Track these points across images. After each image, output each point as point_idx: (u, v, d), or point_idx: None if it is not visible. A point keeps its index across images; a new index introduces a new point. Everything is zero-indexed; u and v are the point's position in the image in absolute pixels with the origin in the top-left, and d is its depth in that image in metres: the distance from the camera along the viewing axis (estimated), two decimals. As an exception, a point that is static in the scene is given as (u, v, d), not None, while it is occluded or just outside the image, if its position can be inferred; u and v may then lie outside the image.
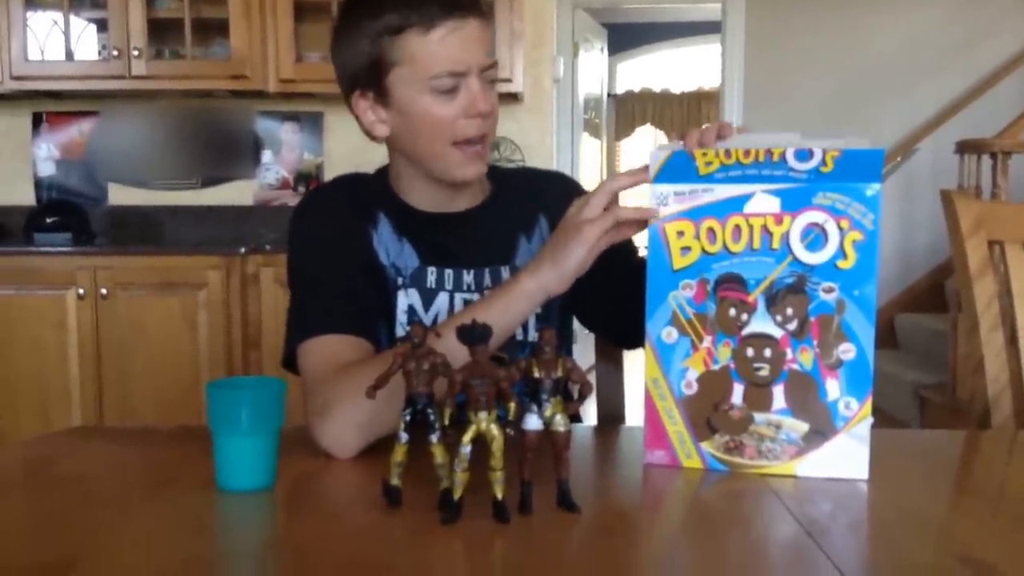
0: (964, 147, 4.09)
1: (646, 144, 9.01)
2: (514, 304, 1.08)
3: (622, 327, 1.27)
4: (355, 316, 1.19)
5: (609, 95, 8.33)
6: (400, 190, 1.30)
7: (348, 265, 1.23)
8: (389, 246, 1.27)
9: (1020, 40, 5.12)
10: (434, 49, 1.15)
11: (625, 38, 8.23)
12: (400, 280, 1.26)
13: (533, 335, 1.29)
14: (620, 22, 7.75)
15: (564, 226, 1.08)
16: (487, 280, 1.28)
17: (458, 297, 1.27)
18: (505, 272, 1.29)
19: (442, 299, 1.26)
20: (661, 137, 9.14)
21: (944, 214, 1.43)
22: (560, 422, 0.82)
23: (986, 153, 3.99)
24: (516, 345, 1.26)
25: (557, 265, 1.06)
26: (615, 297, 1.23)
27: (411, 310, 1.25)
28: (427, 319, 1.25)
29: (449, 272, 1.27)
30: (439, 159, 1.21)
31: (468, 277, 1.28)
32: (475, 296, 1.27)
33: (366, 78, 1.20)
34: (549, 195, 1.35)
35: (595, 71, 6.31)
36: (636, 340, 1.08)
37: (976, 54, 5.13)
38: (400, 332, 1.24)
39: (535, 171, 1.50)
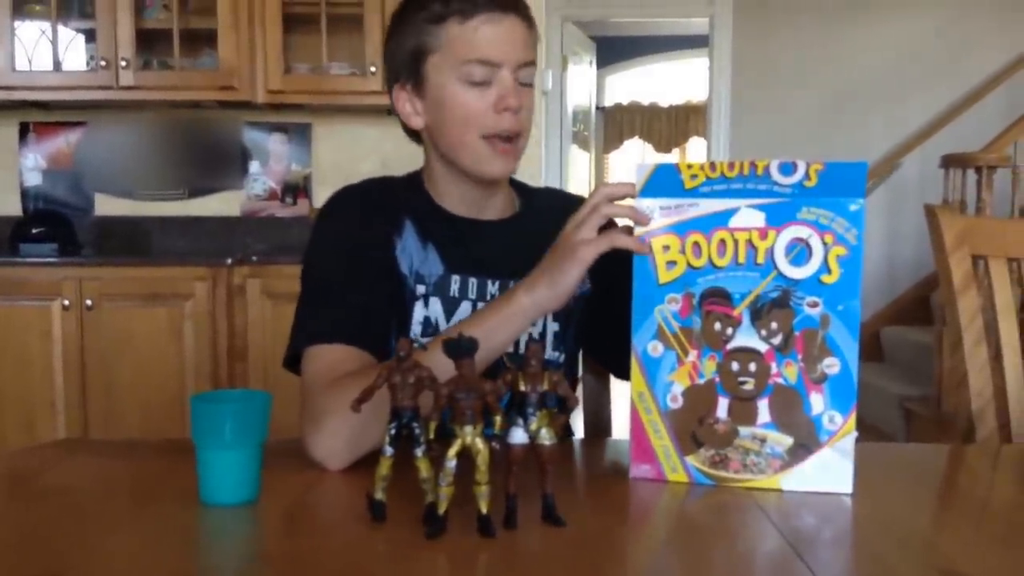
0: (949, 161, 4.12)
1: (635, 157, 9.05)
2: (508, 321, 1.08)
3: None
4: (363, 327, 1.18)
5: (598, 108, 8.37)
6: (433, 191, 1.31)
7: (365, 274, 1.23)
8: (413, 254, 1.26)
9: (1005, 55, 5.17)
10: (469, 36, 1.18)
11: (614, 51, 8.26)
12: (422, 289, 1.25)
13: (551, 353, 1.30)
14: (609, 35, 7.78)
15: (560, 245, 1.08)
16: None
17: (480, 307, 1.26)
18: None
19: (465, 308, 1.26)
20: (649, 150, 9.18)
21: (928, 228, 1.43)
22: (545, 436, 0.82)
23: (971, 167, 4.02)
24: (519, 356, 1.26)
25: (553, 284, 1.06)
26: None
27: (426, 321, 1.25)
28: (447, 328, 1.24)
29: (473, 281, 1.27)
30: (468, 151, 1.22)
31: (493, 287, 1.27)
32: None
33: (407, 68, 1.24)
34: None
35: (584, 84, 6.33)
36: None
37: (962, 69, 5.18)
38: None
39: (561, 192, 1.51)
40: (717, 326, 0.98)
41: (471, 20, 1.17)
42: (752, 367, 0.97)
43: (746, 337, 0.97)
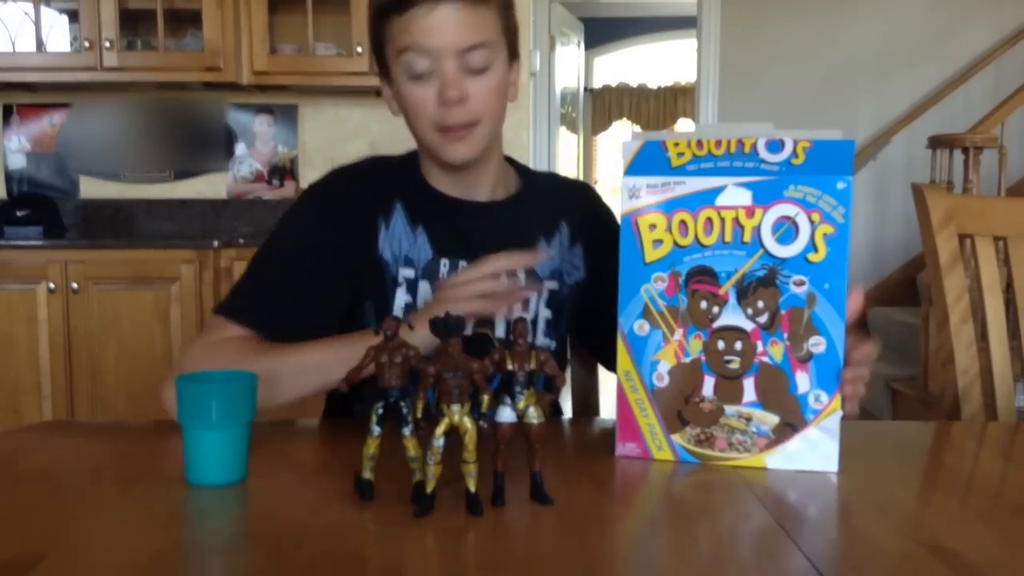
0: (936, 142, 4.13)
1: (623, 138, 9.03)
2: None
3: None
4: (275, 319, 1.19)
5: (586, 89, 8.35)
6: (425, 171, 1.31)
7: (309, 272, 1.23)
8: (402, 239, 1.26)
9: (993, 35, 5.17)
10: (404, 28, 1.16)
11: (602, 32, 8.24)
12: (411, 273, 1.25)
13: (542, 340, 1.30)
14: (597, 16, 7.76)
15: (438, 296, 1.12)
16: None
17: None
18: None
19: None
20: (637, 131, 9.16)
21: (915, 207, 1.44)
22: (533, 415, 0.82)
23: (958, 148, 4.02)
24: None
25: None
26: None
27: (408, 308, 1.24)
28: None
29: (463, 264, 1.25)
30: (426, 141, 1.22)
31: None
32: None
33: (376, 56, 1.24)
34: (573, 203, 1.38)
35: (572, 65, 6.31)
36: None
37: (950, 49, 5.18)
38: None
39: (562, 178, 1.50)
40: (703, 305, 0.98)
41: (408, 12, 1.15)
42: (738, 346, 0.97)
43: (732, 316, 0.97)
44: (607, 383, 1.33)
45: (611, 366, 1.41)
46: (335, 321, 1.23)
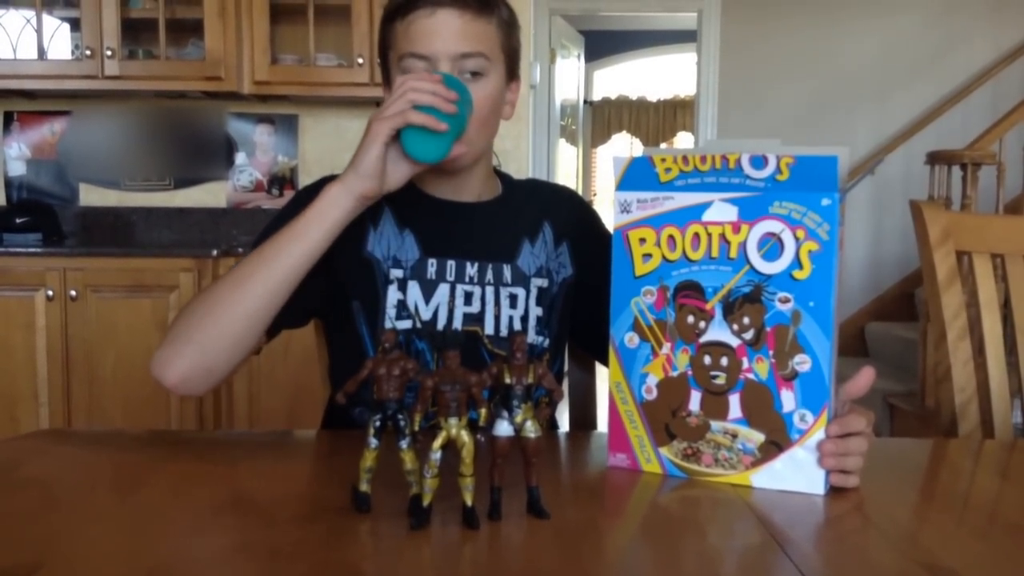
0: (934, 158, 4.14)
1: (623, 151, 9.05)
2: (324, 212, 1.14)
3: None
4: None
5: (586, 102, 8.37)
6: (414, 176, 1.31)
7: None
8: (390, 240, 1.28)
9: (992, 52, 5.20)
10: (404, 32, 1.22)
11: (602, 45, 8.27)
12: (400, 273, 1.27)
13: (534, 338, 1.30)
14: (597, 29, 7.79)
15: (366, 130, 1.14)
16: (489, 275, 1.29)
17: (459, 288, 1.28)
18: (507, 269, 1.30)
19: (443, 290, 1.27)
20: (637, 144, 9.18)
21: (913, 224, 1.44)
22: (530, 429, 0.82)
23: (956, 164, 4.03)
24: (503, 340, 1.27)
25: (357, 166, 1.13)
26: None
27: (400, 305, 1.26)
28: (427, 311, 1.26)
29: (451, 263, 1.28)
30: None
31: (471, 269, 1.29)
32: (477, 288, 1.28)
33: (381, 58, 1.30)
34: (554, 205, 1.41)
35: (572, 78, 6.33)
36: None
37: (948, 65, 5.21)
38: (388, 326, 1.25)
39: (544, 182, 1.55)
40: (690, 319, 0.98)
41: (409, 16, 1.21)
42: (724, 361, 0.96)
43: (718, 331, 0.96)
44: (606, 397, 1.33)
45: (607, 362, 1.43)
46: (316, 312, 1.33)
